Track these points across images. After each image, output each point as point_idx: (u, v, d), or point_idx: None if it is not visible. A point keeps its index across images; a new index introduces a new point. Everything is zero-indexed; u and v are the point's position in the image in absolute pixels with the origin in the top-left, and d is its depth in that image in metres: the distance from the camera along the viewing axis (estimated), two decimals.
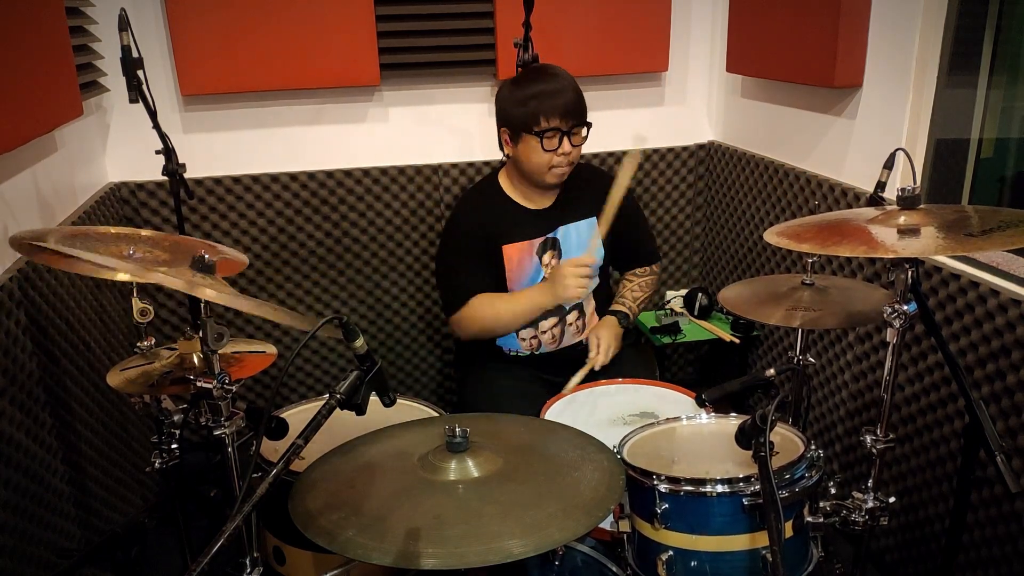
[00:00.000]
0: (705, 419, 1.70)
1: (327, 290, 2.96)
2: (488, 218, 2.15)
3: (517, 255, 2.17)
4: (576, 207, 2.22)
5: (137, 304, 1.65)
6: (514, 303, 2.16)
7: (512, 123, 2.08)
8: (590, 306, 2.30)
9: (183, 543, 1.89)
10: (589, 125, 2.09)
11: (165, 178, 2.13)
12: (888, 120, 2.20)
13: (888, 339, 1.47)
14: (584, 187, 2.23)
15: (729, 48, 2.78)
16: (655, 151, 3.07)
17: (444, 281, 2.24)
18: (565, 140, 2.05)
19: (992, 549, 1.85)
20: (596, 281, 2.28)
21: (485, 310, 2.15)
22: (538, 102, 2.02)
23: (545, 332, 2.23)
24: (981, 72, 2.09)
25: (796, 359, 1.86)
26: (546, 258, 2.19)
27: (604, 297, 2.36)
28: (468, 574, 1.44)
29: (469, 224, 2.17)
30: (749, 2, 2.64)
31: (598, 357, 2.16)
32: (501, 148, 2.18)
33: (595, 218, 2.22)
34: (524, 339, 2.23)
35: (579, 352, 2.29)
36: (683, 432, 1.68)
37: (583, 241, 2.21)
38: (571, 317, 2.25)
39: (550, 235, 2.20)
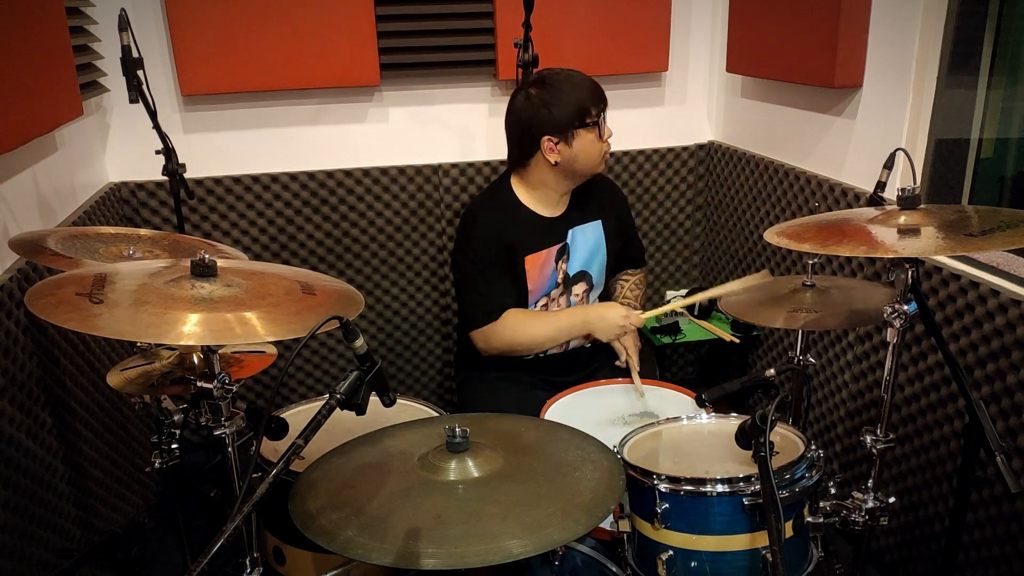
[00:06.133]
0: (705, 419, 1.70)
1: None
2: (508, 230, 2.12)
3: (538, 264, 2.16)
4: (585, 211, 2.22)
5: None
6: (552, 325, 2.14)
7: (560, 124, 2.04)
8: None
9: (183, 543, 1.90)
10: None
11: (165, 178, 2.13)
12: (888, 120, 2.20)
13: (888, 339, 1.48)
14: (592, 189, 2.24)
15: (729, 48, 2.78)
16: (655, 151, 3.07)
17: (469, 295, 2.17)
18: (606, 126, 2.09)
19: (992, 549, 1.85)
20: (603, 285, 2.31)
21: (521, 329, 2.12)
22: (580, 94, 2.04)
23: None
24: (981, 72, 2.09)
25: (796, 359, 1.86)
26: (560, 263, 2.20)
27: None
28: (468, 574, 1.44)
29: (491, 236, 2.12)
30: (749, 2, 2.64)
31: (632, 358, 2.15)
32: (514, 161, 2.15)
33: (600, 221, 2.23)
34: None
35: (584, 354, 2.29)
36: (683, 432, 1.68)
37: (589, 244, 2.22)
38: None
39: (565, 240, 2.19)
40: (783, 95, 2.66)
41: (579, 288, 2.24)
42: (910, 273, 1.41)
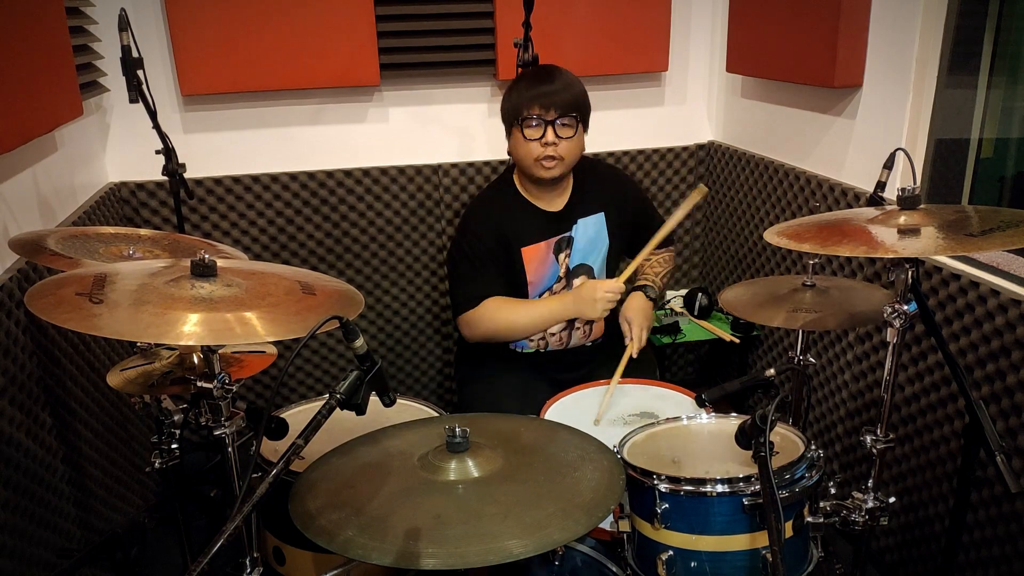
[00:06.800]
0: (705, 419, 1.70)
1: None
2: (504, 220, 2.14)
3: (536, 256, 2.16)
4: (588, 203, 2.22)
5: None
6: (532, 311, 2.14)
7: (504, 119, 2.12)
8: None
9: (183, 543, 1.90)
10: (579, 119, 2.07)
11: (165, 178, 2.13)
12: (888, 120, 2.20)
13: (888, 339, 1.48)
14: (595, 183, 2.24)
15: (729, 48, 2.78)
16: (655, 151, 3.07)
17: (455, 281, 2.21)
18: (549, 130, 2.03)
19: (992, 549, 1.85)
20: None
21: (500, 314, 2.12)
22: (518, 92, 2.06)
23: (554, 334, 2.23)
24: (981, 72, 2.09)
25: (796, 359, 1.86)
26: (562, 257, 2.19)
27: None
28: (468, 574, 1.44)
29: (485, 227, 2.14)
30: (749, 2, 2.64)
31: (633, 344, 2.12)
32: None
33: (603, 213, 2.22)
34: (532, 339, 2.23)
35: (584, 352, 2.29)
36: (683, 432, 1.68)
37: (590, 236, 2.21)
38: (579, 322, 2.25)
39: (566, 234, 2.20)
40: (783, 95, 2.66)
41: (579, 281, 2.23)
42: (910, 273, 1.41)
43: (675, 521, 1.43)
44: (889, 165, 1.77)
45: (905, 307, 1.43)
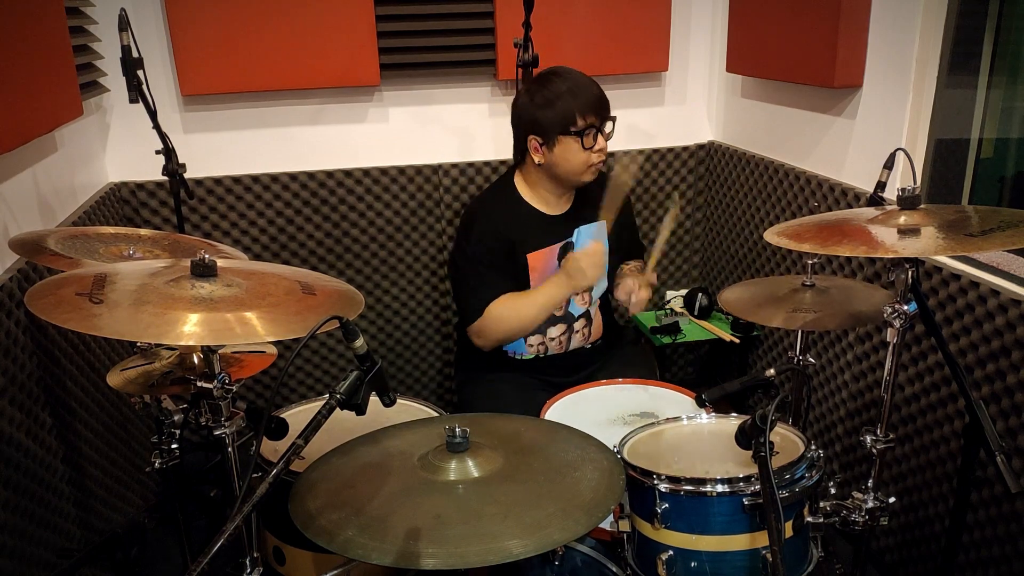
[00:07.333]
0: (705, 419, 1.70)
1: None
2: (509, 227, 2.11)
3: (541, 262, 2.15)
4: (590, 210, 2.22)
5: None
6: (535, 300, 2.11)
7: (544, 127, 2.02)
8: (597, 314, 2.30)
9: (183, 543, 1.90)
10: (614, 119, 2.07)
11: (165, 178, 2.14)
12: (888, 120, 2.20)
13: (888, 339, 1.48)
14: (595, 190, 2.23)
15: (729, 48, 2.78)
16: (655, 151, 3.07)
17: (461, 291, 2.18)
18: (600, 135, 2.03)
19: (992, 549, 1.85)
20: (604, 284, 2.29)
21: (507, 315, 2.09)
22: (570, 101, 1.99)
23: (553, 339, 2.23)
24: (981, 72, 2.09)
25: (796, 359, 1.86)
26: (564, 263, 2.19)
27: (610, 304, 2.37)
28: (468, 574, 1.44)
29: (490, 233, 2.10)
30: (749, 2, 2.64)
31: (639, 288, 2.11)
32: (517, 156, 2.15)
33: (604, 222, 2.23)
34: (532, 345, 2.22)
35: (584, 354, 2.29)
36: (683, 432, 1.68)
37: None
38: (578, 324, 2.25)
39: (569, 239, 2.19)
40: (783, 95, 2.66)
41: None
42: (910, 273, 1.41)
43: (675, 521, 1.43)
44: (889, 165, 1.77)
45: (905, 307, 1.43)
